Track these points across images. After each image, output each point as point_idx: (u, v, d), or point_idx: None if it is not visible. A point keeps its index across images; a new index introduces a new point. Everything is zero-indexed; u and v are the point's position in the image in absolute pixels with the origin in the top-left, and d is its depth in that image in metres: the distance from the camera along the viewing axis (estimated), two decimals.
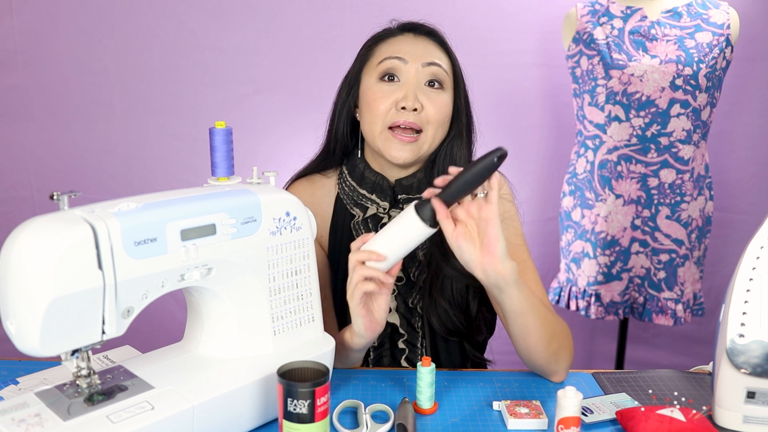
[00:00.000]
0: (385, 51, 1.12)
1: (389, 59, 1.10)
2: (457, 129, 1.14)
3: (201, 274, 0.84)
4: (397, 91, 1.09)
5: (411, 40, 1.13)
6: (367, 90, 1.12)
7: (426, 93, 1.09)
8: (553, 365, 1.04)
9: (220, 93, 2.09)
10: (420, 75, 1.09)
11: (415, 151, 1.09)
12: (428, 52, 1.11)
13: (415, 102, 1.07)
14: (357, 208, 1.18)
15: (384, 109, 1.08)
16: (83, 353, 0.80)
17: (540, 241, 2.23)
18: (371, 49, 1.15)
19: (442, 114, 1.10)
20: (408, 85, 1.08)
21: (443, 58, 1.12)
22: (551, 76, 2.11)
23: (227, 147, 0.93)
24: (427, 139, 1.10)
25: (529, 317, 0.97)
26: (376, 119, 1.09)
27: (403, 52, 1.10)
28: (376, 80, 1.10)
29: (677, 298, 1.84)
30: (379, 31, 1.17)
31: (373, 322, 0.97)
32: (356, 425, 0.93)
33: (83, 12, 2.03)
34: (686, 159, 1.77)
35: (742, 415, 0.91)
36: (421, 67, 1.09)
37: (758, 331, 0.88)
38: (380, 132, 1.09)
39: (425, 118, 1.08)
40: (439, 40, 1.14)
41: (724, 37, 1.74)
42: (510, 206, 1.17)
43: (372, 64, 1.13)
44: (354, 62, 1.17)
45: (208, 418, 0.83)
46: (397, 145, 1.08)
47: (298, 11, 2.04)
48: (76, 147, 2.13)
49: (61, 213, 0.74)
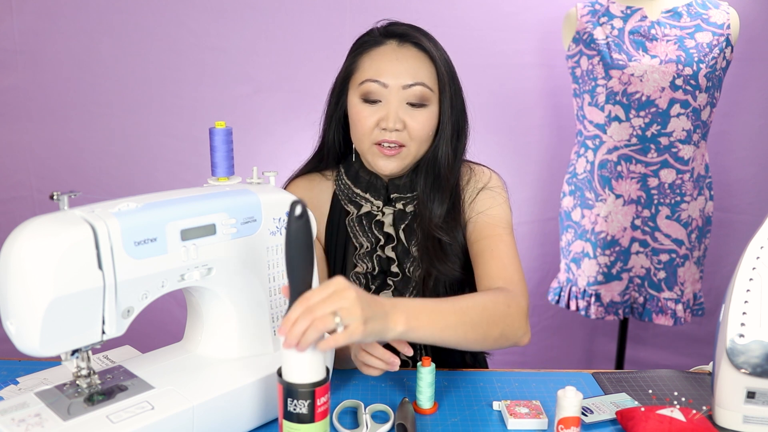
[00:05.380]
0: (367, 67, 1.10)
1: (369, 82, 1.09)
2: (442, 137, 1.14)
3: (201, 274, 0.84)
4: (379, 111, 1.09)
5: (393, 54, 1.10)
6: (352, 107, 1.13)
7: (408, 112, 1.10)
8: (504, 343, 0.97)
9: (220, 93, 2.09)
10: (401, 96, 1.09)
11: (399, 163, 1.11)
12: (411, 69, 1.09)
13: (396, 123, 1.08)
14: (351, 205, 1.19)
15: (368, 128, 1.10)
16: (83, 353, 0.80)
17: (540, 241, 2.23)
18: (355, 59, 1.14)
19: (425, 130, 1.11)
20: (389, 105, 1.09)
21: (427, 73, 1.10)
22: (551, 77, 2.11)
23: (227, 147, 0.93)
24: (410, 153, 1.12)
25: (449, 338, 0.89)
26: (362, 137, 1.12)
27: (383, 72, 1.09)
28: (358, 99, 1.11)
29: (677, 298, 1.85)
30: (363, 34, 1.16)
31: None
32: (356, 425, 0.93)
33: (83, 12, 2.03)
34: (686, 159, 1.77)
35: (742, 415, 0.91)
36: (402, 89, 1.08)
37: (758, 331, 0.88)
38: (368, 148, 1.12)
39: (407, 136, 1.10)
40: (423, 50, 1.11)
41: (724, 37, 1.74)
42: (496, 194, 1.17)
43: (355, 80, 1.12)
44: (340, 71, 1.17)
45: (208, 418, 0.83)
46: (383, 159, 1.11)
47: (298, 11, 2.04)
48: (76, 147, 2.13)
49: (61, 213, 0.74)
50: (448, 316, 0.88)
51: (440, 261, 1.12)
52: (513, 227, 1.16)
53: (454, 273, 1.13)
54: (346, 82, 1.15)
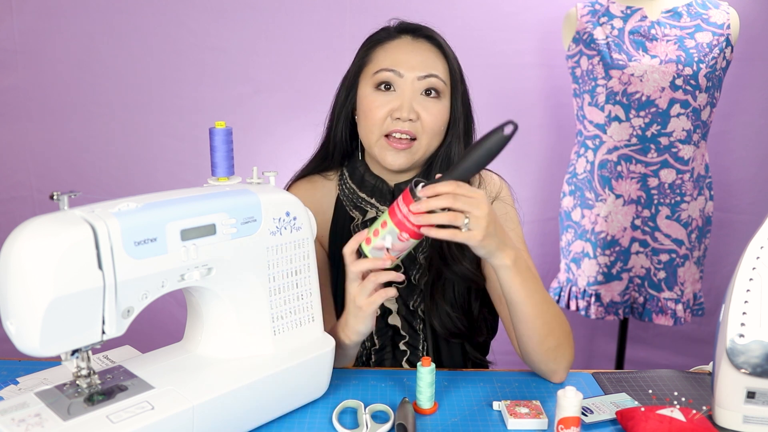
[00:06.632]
0: (381, 59, 1.11)
1: (385, 71, 1.09)
2: (454, 133, 1.14)
3: (201, 274, 0.84)
4: (393, 101, 1.09)
5: (408, 46, 1.11)
6: (363, 98, 1.12)
7: (421, 102, 1.09)
8: (551, 363, 1.04)
9: (220, 93, 2.09)
10: (416, 86, 1.09)
11: (409, 157, 1.10)
12: (425, 61, 1.10)
13: (410, 113, 1.07)
14: (356, 211, 1.18)
15: (380, 118, 1.09)
16: (83, 353, 0.80)
17: (540, 241, 2.23)
18: (368, 53, 1.14)
19: (438, 123, 1.10)
20: (403, 95, 1.08)
21: (441, 66, 1.11)
22: (551, 77, 2.11)
23: (227, 147, 0.93)
24: (421, 146, 1.10)
25: (525, 307, 0.98)
26: (372, 128, 1.10)
27: (399, 63, 1.09)
28: (372, 89, 1.10)
29: (677, 298, 1.85)
30: (377, 31, 1.16)
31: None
32: (356, 425, 0.93)
33: (83, 12, 2.03)
34: (686, 159, 1.77)
35: (742, 415, 0.91)
36: (417, 80, 1.08)
37: (758, 331, 0.88)
38: (377, 140, 1.10)
39: (420, 128, 1.09)
40: (437, 44, 1.13)
41: (724, 37, 1.74)
42: (509, 209, 1.17)
43: (368, 71, 1.12)
44: (351, 65, 1.17)
45: (208, 418, 0.83)
46: (392, 152, 1.09)
47: (298, 11, 2.04)
48: (76, 147, 2.13)
49: (61, 213, 0.74)
50: (538, 293, 0.99)
51: (456, 262, 1.11)
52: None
53: (468, 273, 1.12)
54: (358, 75, 1.15)
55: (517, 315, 1.00)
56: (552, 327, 1.01)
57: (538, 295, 0.99)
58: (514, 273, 0.94)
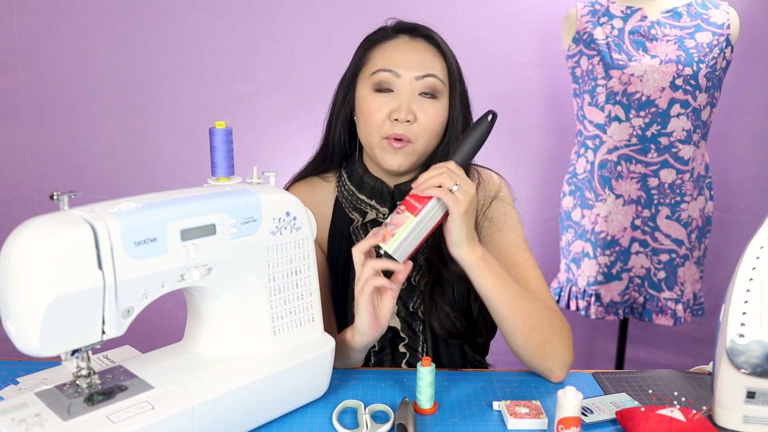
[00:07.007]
0: (379, 59, 1.10)
1: (382, 72, 1.09)
2: (452, 132, 1.13)
3: (201, 274, 0.84)
4: (391, 102, 1.08)
5: (406, 46, 1.11)
6: (362, 99, 1.11)
7: (419, 103, 1.09)
8: (542, 361, 1.04)
9: (220, 93, 2.09)
10: (414, 86, 1.08)
11: (407, 159, 1.10)
12: (423, 61, 1.09)
13: (408, 114, 1.07)
14: (356, 213, 1.18)
15: (379, 121, 1.09)
16: (83, 353, 0.80)
17: (540, 241, 2.23)
18: (366, 53, 1.13)
19: (436, 124, 1.10)
20: (401, 96, 1.08)
21: (439, 66, 1.11)
22: (551, 77, 2.11)
23: (227, 147, 0.93)
24: (417, 150, 1.10)
25: (500, 303, 1.00)
26: (371, 130, 1.10)
27: (397, 63, 1.09)
28: (370, 90, 1.10)
29: (677, 298, 1.85)
30: (375, 31, 1.16)
31: (376, 321, 0.98)
32: (356, 425, 0.93)
33: (83, 12, 2.03)
34: (686, 159, 1.77)
35: (742, 415, 0.91)
36: (415, 80, 1.08)
37: (758, 331, 0.88)
38: (377, 142, 1.10)
39: (417, 130, 1.09)
40: (435, 44, 1.12)
41: (724, 37, 1.74)
42: (509, 209, 1.17)
43: (366, 72, 1.12)
44: (349, 65, 1.17)
45: (208, 418, 0.83)
46: (391, 153, 1.09)
47: (298, 11, 2.04)
48: (76, 147, 2.13)
49: (61, 213, 0.74)
50: (512, 290, 1.01)
51: (456, 263, 1.10)
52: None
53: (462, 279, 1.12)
54: (356, 76, 1.14)
55: (494, 312, 1.02)
56: (535, 323, 1.02)
57: (512, 292, 1.00)
58: (484, 269, 0.98)
